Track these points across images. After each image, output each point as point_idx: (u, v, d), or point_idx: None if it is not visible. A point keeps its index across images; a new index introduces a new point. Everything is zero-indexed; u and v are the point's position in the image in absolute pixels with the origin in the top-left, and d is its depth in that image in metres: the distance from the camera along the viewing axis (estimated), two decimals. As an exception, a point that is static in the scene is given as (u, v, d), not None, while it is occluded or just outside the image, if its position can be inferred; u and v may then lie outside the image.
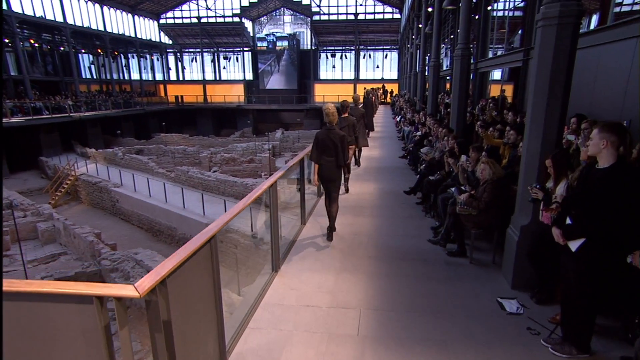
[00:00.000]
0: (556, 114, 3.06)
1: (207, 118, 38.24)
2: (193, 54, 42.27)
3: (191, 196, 16.29)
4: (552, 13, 2.92)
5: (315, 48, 38.40)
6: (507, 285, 3.50)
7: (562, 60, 2.96)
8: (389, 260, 4.11)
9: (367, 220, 5.40)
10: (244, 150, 25.04)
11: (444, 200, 4.69)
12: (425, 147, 7.71)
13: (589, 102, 4.62)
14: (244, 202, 3.02)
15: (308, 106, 36.01)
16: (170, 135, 32.38)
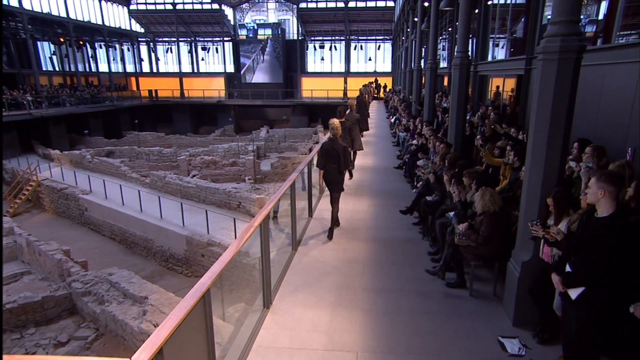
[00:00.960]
0: (558, 150, 3.22)
1: (184, 114, 37.84)
2: (168, 44, 41.69)
3: (169, 204, 16.16)
4: (553, 48, 3.07)
5: (302, 38, 38.35)
6: (509, 322, 3.66)
7: (564, 96, 3.12)
8: (386, 294, 4.23)
9: (362, 246, 5.52)
10: (225, 152, 24.91)
11: (442, 225, 4.84)
12: (422, 160, 7.90)
13: (594, 124, 4.83)
14: (233, 250, 3.08)
15: (295, 102, 36.01)
16: (143, 134, 31.97)
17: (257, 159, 23.29)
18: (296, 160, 22.56)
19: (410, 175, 8.44)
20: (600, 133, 4.61)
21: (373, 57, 38.56)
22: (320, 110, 36.70)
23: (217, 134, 33.71)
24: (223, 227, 14.57)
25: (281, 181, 22.42)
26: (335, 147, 5.49)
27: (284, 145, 29.62)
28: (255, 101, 36.84)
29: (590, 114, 4.90)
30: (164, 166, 22.37)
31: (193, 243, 13.76)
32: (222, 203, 16.31)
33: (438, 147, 6.55)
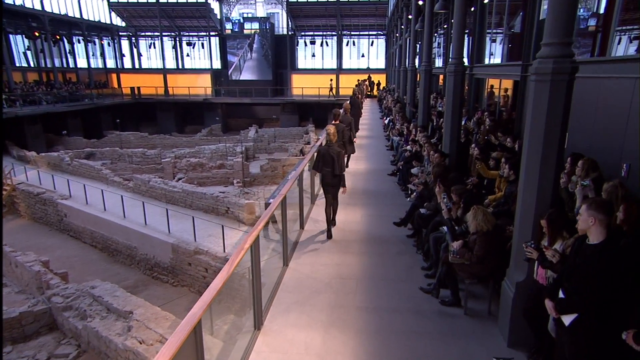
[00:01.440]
0: (551, 171, 3.32)
1: (168, 113, 37.58)
2: (151, 39, 41.33)
3: (153, 210, 16.07)
4: (545, 70, 3.17)
5: (292, 33, 38.33)
6: (504, 342, 3.77)
7: (557, 118, 3.23)
8: (380, 313, 4.31)
9: (355, 260, 5.60)
10: (212, 153, 24.83)
11: (436, 240, 4.94)
12: (416, 168, 8.01)
13: (589, 138, 4.97)
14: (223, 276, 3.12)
15: (285, 100, 35.98)
16: (125, 134, 31.66)
17: (246, 161, 23.26)
18: (287, 162, 22.59)
19: (404, 182, 8.54)
20: (596, 148, 4.75)
21: (366, 54, 38.73)
22: (312, 109, 36.75)
23: (204, 134, 33.55)
24: (211, 234, 14.55)
25: (271, 184, 22.44)
26: (330, 151, 6.23)
27: (273, 146, 29.61)
28: (244, 99, 36.74)
29: (586, 128, 5.04)
30: (148, 169, 22.21)
31: (179, 251, 13.73)
32: (209, 208, 16.27)
33: (432, 156, 6.66)
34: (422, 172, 7.85)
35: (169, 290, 14.07)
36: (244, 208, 15.31)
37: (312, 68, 39.59)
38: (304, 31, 39.06)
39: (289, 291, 4.83)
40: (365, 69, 38.70)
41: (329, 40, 38.57)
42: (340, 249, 5.97)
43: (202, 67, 40.46)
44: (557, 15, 3.12)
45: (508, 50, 10.12)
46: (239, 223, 15.42)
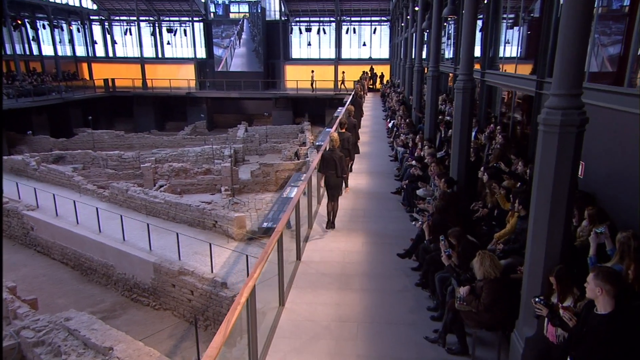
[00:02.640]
0: (560, 224, 3.58)
1: (147, 108, 37.67)
2: (126, 24, 41.34)
3: (133, 224, 16.24)
4: (553, 121, 3.42)
5: (286, 19, 38.47)
6: (512, 397, 4.03)
7: (565, 172, 3.48)
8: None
9: (356, 298, 5.84)
10: (197, 156, 25.01)
11: (442, 281, 5.19)
12: (422, 189, 8.27)
13: (604, 175, 5.23)
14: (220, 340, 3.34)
15: (277, 94, 36.15)
16: (99, 132, 31.74)
17: (235, 166, 23.46)
18: (280, 167, 22.82)
19: (409, 203, 8.80)
20: (611, 187, 5.01)
21: (368, 42, 38.93)
22: (307, 104, 36.96)
23: (187, 132, 33.70)
24: (197, 251, 14.76)
25: (262, 191, 22.68)
26: (333, 156, 7.76)
27: (265, 147, 29.82)
28: (231, 93, 36.88)
29: (601, 164, 5.31)
30: (125, 175, 22.37)
31: (162, 271, 13.93)
32: (195, 222, 16.47)
33: (440, 183, 6.91)
34: (429, 193, 8.11)
35: (150, 314, 14.27)
36: (234, 222, 15.50)
37: (308, 58, 39.77)
38: (298, 16, 39.18)
39: (286, 336, 5.07)
40: (366, 59, 38.92)
41: (327, 27, 38.76)
42: (340, 285, 6.22)
43: (185, 57, 40.55)
44: (565, 65, 3.37)
45: (527, 38, 10.25)
46: (228, 238, 15.63)
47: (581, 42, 3.29)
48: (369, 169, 12.38)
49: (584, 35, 3.25)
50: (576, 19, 3.21)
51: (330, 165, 7.69)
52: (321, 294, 5.98)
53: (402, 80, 22.69)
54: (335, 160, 7.69)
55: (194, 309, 13.29)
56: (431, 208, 6.50)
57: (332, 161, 7.68)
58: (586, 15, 3.24)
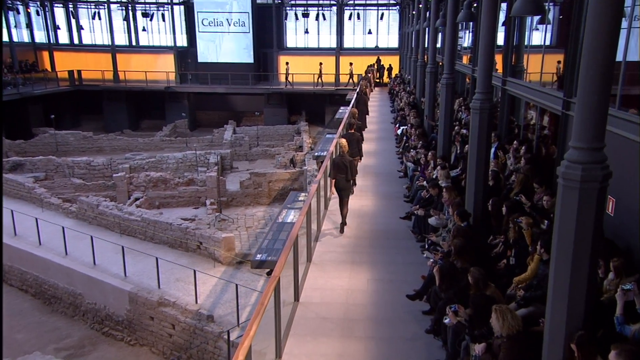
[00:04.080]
0: (583, 282, 3.85)
1: (119, 104, 37.82)
2: (94, 7, 41.38)
3: (105, 245, 16.40)
4: (574, 176, 3.69)
5: (280, 3, 38.74)
6: None
7: (587, 230, 3.75)
8: None
9: (360, 348, 6.10)
10: (178, 164, 25.25)
11: (456, 334, 5.45)
12: (434, 218, 8.54)
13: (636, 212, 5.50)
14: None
15: (270, 88, 36.39)
16: (63, 133, 31.90)
17: (221, 175, 23.71)
18: (273, 177, 23.09)
19: (420, 231, 9.07)
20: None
21: (374, 30, 39.23)
22: (304, 100, 37.24)
23: (166, 133, 33.89)
24: (179, 278, 14.99)
25: (253, 204, 22.94)
26: (343, 160, 9.38)
27: (256, 151, 30.09)
28: (217, 87, 37.06)
29: (633, 199, 5.58)
30: (95, 186, 22.56)
31: (138, 301, 14.16)
32: (176, 243, 16.70)
33: (452, 212, 7.18)
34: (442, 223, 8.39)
35: (125, 350, 14.49)
36: (221, 243, 15.75)
37: (305, 47, 39.97)
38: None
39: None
40: (372, 49, 39.15)
41: (327, 12, 39.01)
42: (343, 332, 6.48)
43: (163, 45, 40.70)
44: (585, 118, 3.65)
45: (558, 24, 10.42)
46: (214, 262, 15.87)
47: (602, 94, 3.56)
48: (375, 187, 12.65)
49: (604, 89, 3.52)
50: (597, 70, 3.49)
51: (341, 169, 9.29)
52: (322, 343, 6.24)
53: (413, 77, 23.02)
54: (346, 164, 9.31)
55: (176, 346, 13.51)
56: (444, 245, 6.76)
57: (343, 165, 9.30)
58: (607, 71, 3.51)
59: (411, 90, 22.41)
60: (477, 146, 7.46)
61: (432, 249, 7.78)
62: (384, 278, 7.91)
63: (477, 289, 5.54)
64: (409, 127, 14.94)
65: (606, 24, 3.43)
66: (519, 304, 5.73)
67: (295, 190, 22.99)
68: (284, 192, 23.29)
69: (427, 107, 14.98)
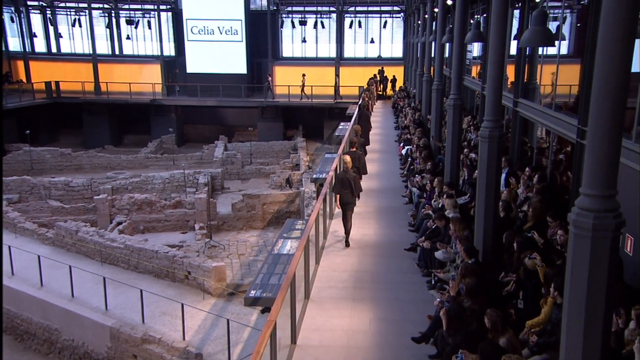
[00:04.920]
0: (598, 339, 3.98)
1: (100, 118, 38.05)
2: (75, 13, 41.80)
3: (84, 276, 16.46)
4: (585, 224, 3.84)
5: (275, 9, 39.31)
6: None
7: (600, 278, 3.89)
8: None
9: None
10: (165, 184, 25.42)
11: (466, 383, 5.56)
12: (441, 251, 8.68)
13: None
14: None
15: (265, 101, 36.69)
16: (39, 149, 32.06)
17: (212, 197, 23.87)
18: (268, 199, 23.25)
19: (426, 265, 9.19)
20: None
21: (377, 38, 39.76)
22: (301, 114, 37.58)
23: (151, 149, 34.09)
24: (165, 311, 15.05)
25: (246, 229, 23.07)
26: (347, 176, 10.48)
27: (249, 170, 30.29)
28: (207, 100, 37.40)
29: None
30: (74, 210, 22.69)
31: (121, 337, 14.19)
32: (163, 272, 16.79)
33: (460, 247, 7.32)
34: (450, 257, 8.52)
35: (105, 392, 14.47)
36: (211, 273, 15.84)
37: (303, 57, 40.41)
38: (291, 5, 40.03)
39: None
40: (375, 59, 39.63)
41: (326, 19, 39.59)
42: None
43: (149, 54, 41.10)
44: (596, 164, 3.82)
45: (576, 32, 10.54)
46: (203, 294, 15.95)
47: (612, 143, 3.74)
48: (378, 214, 12.79)
49: (615, 138, 3.71)
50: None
51: (345, 184, 10.41)
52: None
53: (419, 91, 23.34)
54: (350, 180, 10.43)
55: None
56: (452, 286, 6.88)
57: (347, 181, 10.41)
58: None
59: (416, 105, 22.71)
60: (486, 176, 7.62)
61: (439, 286, 7.90)
62: (387, 317, 8.00)
63: (495, 333, 5.64)
64: (414, 147, 15.14)
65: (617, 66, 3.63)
66: (532, 350, 5.85)
67: (292, 213, 23.19)
68: (279, 216, 23.47)
69: (433, 127, 15.22)
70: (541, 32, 5.74)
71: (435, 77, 15.42)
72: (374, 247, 10.83)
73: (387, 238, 11.28)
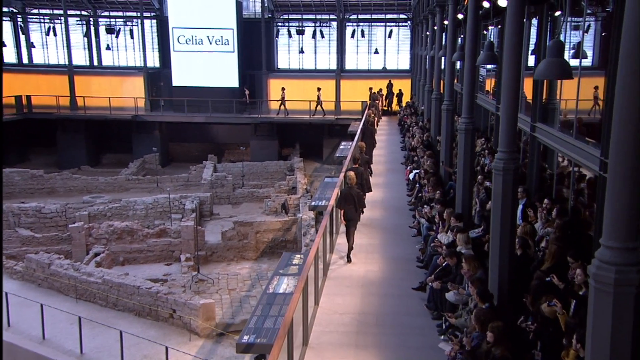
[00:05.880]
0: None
1: (76, 136, 38.13)
2: (49, 20, 42.14)
3: (57, 314, 16.44)
4: (606, 279, 3.97)
5: (270, 17, 39.76)
6: None
7: (625, 334, 4.00)
8: None
9: None
10: (147, 210, 25.49)
11: None
12: (452, 292, 8.76)
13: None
14: None
15: (259, 118, 36.87)
16: (7, 171, 32.09)
17: (199, 224, 23.92)
18: (262, 226, 23.33)
19: (436, 306, 9.26)
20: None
21: (381, 49, 40.18)
22: (299, 131, 37.80)
23: (133, 170, 34.24)
24: (147, 354, 15.03)
25: (237, 260, 23.10)
26: (351, 192, 11.66)
27: (240, 194, 30.41)
28: (195, 116, 37.60)
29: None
30: (46, 239, 22.70)
31: (97, 385, 14.14)
32: (145, 310, 16.79)
33: (472, 290, 7.42)
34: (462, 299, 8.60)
35: None
36: (199, 311, 15.84)
37: (300, 69, 40.80)
38: (287, 13, 40.52)
39: None
40: (380, 70, 40.04)
41: (326, 28, 40.04)
42: None
43: (131, 66, 41.49)
44: (617, 213, 3.96)
45: (600, 42, 10.59)
46: (190, 334, 15.93)
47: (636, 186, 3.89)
48: (383, 247, 12.89)
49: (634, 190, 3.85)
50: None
51: (349, 200, 11.56)
52: None
53: (427, 108, 23.58)
54: (354, 196, 11.63)
55: None
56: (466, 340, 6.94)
57: (350, 197, 11.58)
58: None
59: (424, 124, 22.92)
60: (500, 211, 7.73)
61: (450, 332, 7.96)
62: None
63: None
64: (423, 173, 15.28)
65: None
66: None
67: (288, 243, 23.27)
68: (274, 245, 23.55)
69: (443, 151, 15.38)
70: (558, 64, 5.90)
71: (445, 96, 15.63)
72: (379, 285, 10.90)
73: (393, 275, 11.36)
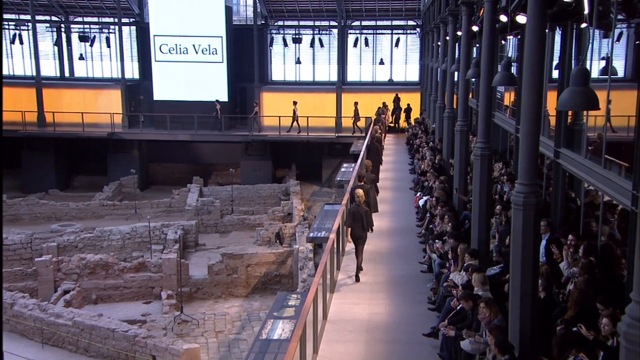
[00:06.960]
0: None
1: (45, 156, 38.02)
2: (15, 26, 42.17)
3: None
4: (638, 338, 4.07)
5: (263, 24, 40.10)
6: None
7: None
8: None
9: None
10: (125, 240, 25.50)
11: None
12: (468, 341, 8.81)
13: None
14: None
15: (249, 136, 36.87)
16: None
17: (183, 256, 23.91)
18: (253, 259, 23.34)
19: (450, 356, 9.28)
20: None
21: (387, 59, 40.47)
22: (295, 150, 37.93)
23: (108, 194, 34.26)
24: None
25: (226, 297, 23.07)
26: (359, 210, 12.95)
27: (229, 221, 30.45)
28: (178, 134, 37.65)
29: None
30: (9, 275, 22.53)
31: None
32: (121, 356, 16.76)
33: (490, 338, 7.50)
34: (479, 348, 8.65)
35: None
36: (182, 357, 15.82)
37: (297, 81, 40.93)
38: (282, 19, 40.80)
39: None
40: (386, 83, 40.27)
41: (325, 36, 40.31)
42: None
43: (107, 77, 41.68)
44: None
45: (634, 51, 10.62)
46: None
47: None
48: (390, 286, 12.96)
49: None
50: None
51: (357, 218, 12.77)
52: None
53: (439, 127, 23.80)
54: (362, 213, 12.89)
55: None
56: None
57: (358, 215, 12.83)
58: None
59: (436, 145, 23.10)
60: (522, 251, 7.80)
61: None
62: None
63: None
64: (434, 201, 15.38)
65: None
66: None
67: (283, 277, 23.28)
68: (267, 280, 23.54)
69: (456, 176, 15.52)
70: (582, 93, 5.98)
71: (459, 115, 15.78)
72: (385, 329, 10.93)
73: (402, 318, 11.38)
